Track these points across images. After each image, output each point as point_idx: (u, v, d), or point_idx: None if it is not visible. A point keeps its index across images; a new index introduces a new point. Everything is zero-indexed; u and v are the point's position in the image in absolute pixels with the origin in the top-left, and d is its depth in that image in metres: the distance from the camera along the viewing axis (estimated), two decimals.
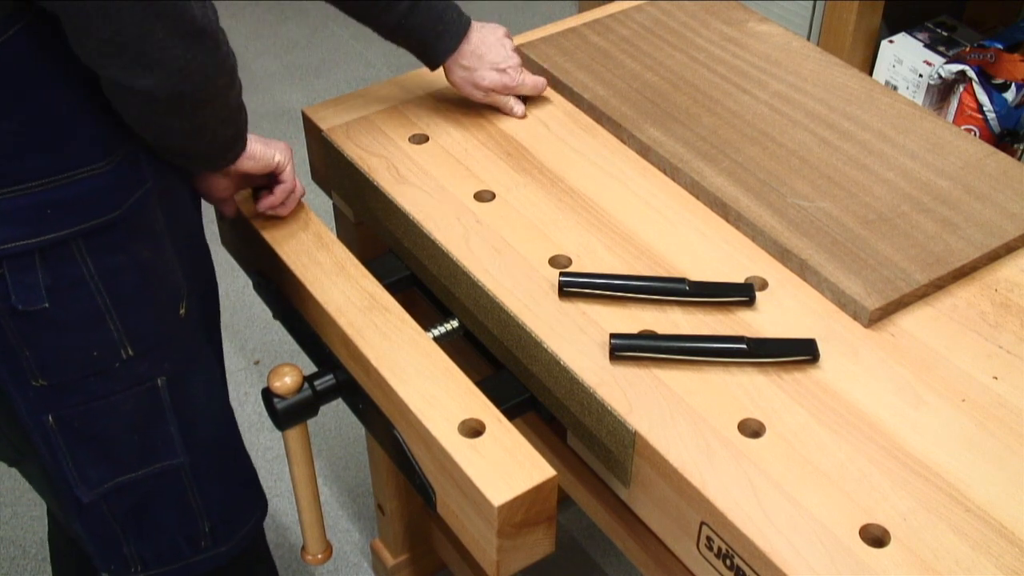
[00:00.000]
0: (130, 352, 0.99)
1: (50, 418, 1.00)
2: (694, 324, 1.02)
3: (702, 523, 0.89)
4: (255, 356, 2.14)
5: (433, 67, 1.24)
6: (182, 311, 1.04)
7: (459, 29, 1.21)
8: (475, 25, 1.24)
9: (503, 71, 1.25)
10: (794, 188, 1.15)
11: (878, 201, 1.13)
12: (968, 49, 1.84)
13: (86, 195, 0.92)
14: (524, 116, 1.28)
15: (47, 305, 0.93)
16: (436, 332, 1.15)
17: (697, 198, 1.16)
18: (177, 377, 1.05)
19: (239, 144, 1.02)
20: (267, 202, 1.12)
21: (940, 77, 1.83)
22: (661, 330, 1.01)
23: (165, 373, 1.03)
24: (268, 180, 1.12)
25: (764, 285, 1.07)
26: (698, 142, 1.21)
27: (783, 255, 1.09)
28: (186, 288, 1.05)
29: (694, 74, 1.32)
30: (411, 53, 1.23)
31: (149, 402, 1.03)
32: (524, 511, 0.92)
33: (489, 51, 1.24)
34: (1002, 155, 1.20)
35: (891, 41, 1.93)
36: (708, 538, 0.89)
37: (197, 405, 1.09)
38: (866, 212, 1.12)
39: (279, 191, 1.11)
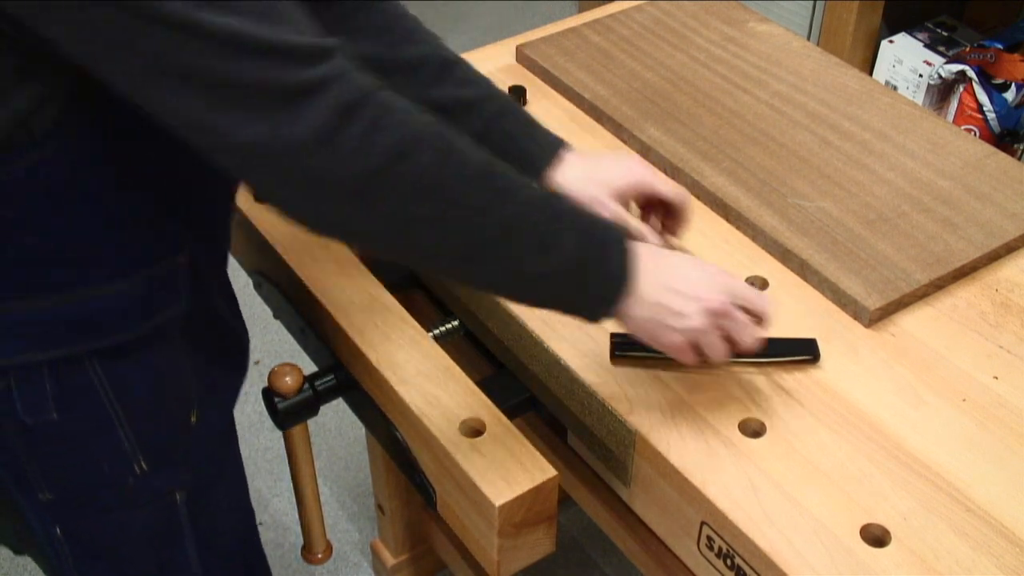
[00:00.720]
0: (144, 467, 0.91)
1: (58, 530, 0.93)
2: None
3: (702, 523, 0.89)
4: (255, 356, 2.14)
5: (542, 166, 0.99)
6: (193, 419, 0.95)
7: (557, 142, 1.00)
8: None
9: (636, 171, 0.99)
10: (794, 188, 1.15)
11: (878, 201, 1.13)
12: (968, 49, 1.84)
13: (105, 314, 0.85)
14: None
15: (55, 416, 0.86)
16: (436, 332, 1.15)
17: (697, 198, 1.16)
18: (197, 491, 0.97)
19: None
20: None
21: (940, 77, 1.83)
22: None
23: (185, 487, 0.96)
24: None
25: (764, 285, 1.07)
26: (698, 142, 1.21)
27: (783, 255, 1.09)
28: (200, 394, 0.96)
29: (694, 74, 1.32)
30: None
31: (166, 518, 0.96)
32: (524, 511, 0.92)
33: (607, 158, 1.02)
34: (1002, 155, 1.20)
35: (891, 41, 1.93)
36: (708, 538, 0.89)
37: (218, 519, 1.02)
38: (866, 212, 1.12)
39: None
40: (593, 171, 0.98)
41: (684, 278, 0.85)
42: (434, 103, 0.97)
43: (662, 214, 1.02)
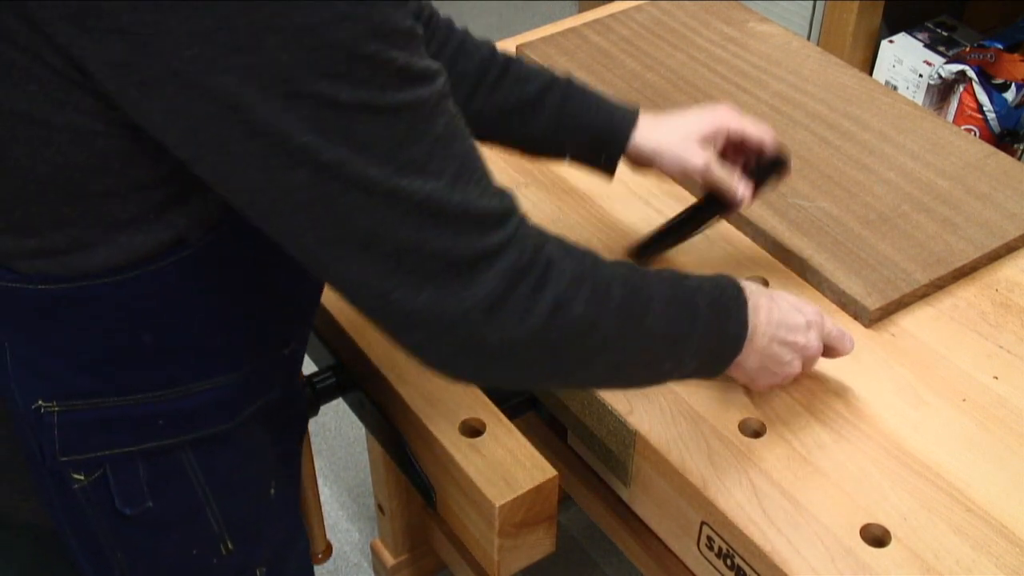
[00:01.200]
0: (230, 547, 0.89)
1: None
2: None
3: (702, 523, 0.89)
4: None
5: (616, 154, 0.98)
6: (272, 491, 0.93)
7: (629, 108, 0.98)
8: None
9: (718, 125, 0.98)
10: (795, 188, 1.15)
11: (879, 201, 1.13)
12: (968, 49, 1.84)
13: (202, 408, 0.82)
14: (749, 203, 0.99)
15: (151, 504, 0.83)
16: None
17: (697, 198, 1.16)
18: (276, 565, 0.95)
19: (686, 368, 0.83)
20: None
21: (940, 77, 1.83)
22: None
23: (265, 563, 0.93)
24: None
25: (765, 285, 1.07)
26: None
27: (783, 255, 1.09)
28: (277, 466, 0.94)
29: (694, 74, 1.32)
30: (583, 160, 0.99)
31: None
32: (524, 511, 0.92)
33: (684, 111, 1.00)
34: (1002, 155, 1.20)
35: (891, 41, 1.93)
36: (708, 538, 0.89)
37: None
38: (867, 212, 1.12)
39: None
40: (673, 126, 0.97)
41: (794, 326, 0.89)
42: (500, 107, 0.97)
43: (754, 155, 1.01)
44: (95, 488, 0.82)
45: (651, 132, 0.97)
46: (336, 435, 1.97)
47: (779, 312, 0.87)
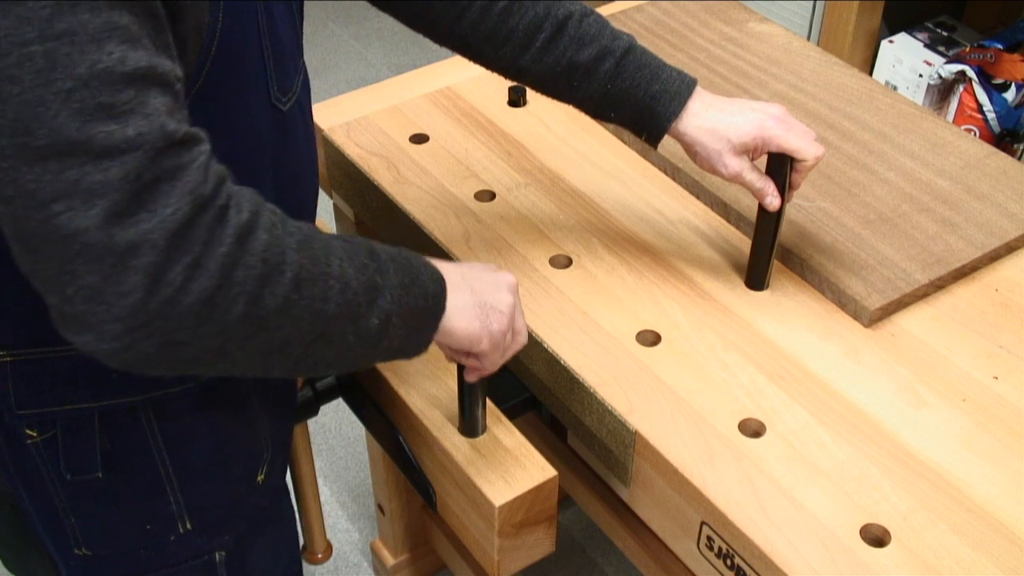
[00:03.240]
0: (188, 527, 0.88)
1: None
2: (694, 324, 1.02)
3: (702, 523, 0.89)
4: None
5: (657, 137, 0.96)
6: (260, 478, 0.91)
7: (683, 87, 0.95)
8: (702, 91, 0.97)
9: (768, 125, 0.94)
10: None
11: (878, 201, 1.13)
12: (968, 49, 1.84)
13: None
14: (777, 207, 0.99)
15: (100, 475, 0.82)
16: None
17: (697, 198, 1.16)
18: (239, 549, 0.94)
19: (397, 330, 0.74)
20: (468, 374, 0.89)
21: (940, 77, 1.83)
22: (661, 329, 1.01)
23: (225, 547, 0.92)
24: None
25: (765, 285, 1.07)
26: None
27: (784, 255, 1.09)
28: (272, 448, 0.92)
29: (694, 74, 1.31)
30: (629, 129, 0.98)
31: None
32: (524, 511, 0.92)
33: (738, 103, 0.97)
34: (1002, 155, 1.20)
35: (891, 41, 1.93)
36: (708, 538, 0.89)
37: (256, 574, 0.98)
38: (866, 212, 1.12)
39: (468, 371, 0.88)
40: (716, 124, 0.94)
41: (491, 281, 0.83)
42: (550, 69, 0.95)
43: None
44: (47, 447, 0.81)
45: (694, 126, 0.95)
46: (336, 435, 1.97)
47: (471, 268, 0.82)
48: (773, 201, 0.98)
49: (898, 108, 1.26)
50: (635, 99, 0.95)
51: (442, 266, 0.79)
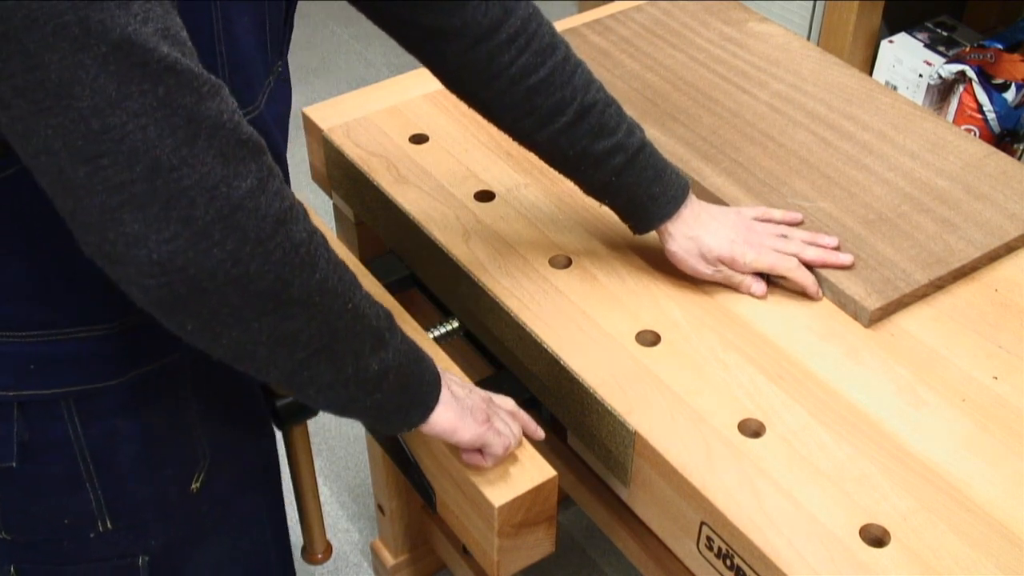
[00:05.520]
0: (108, 526, 0.87)
1: (12, 569, 0.89)
2: (694, 324, 1.02)
3: (702, 523, 0.89)
4: None
5: (643, 231, 1.04)
6: (195, 485, 0.90)
7: (679, 192, 1.01)
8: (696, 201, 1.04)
9: (739, 242, 1.02)
10: (794, 188, 1.15)
11: (878, 201, 1.13)
12: (968, 49, 1.84)
13: (79, 357, 0.79)
14: (764, 296, 1.05)
15: (14, 464, 0.81)
16: (436, 332, 1.15)
17: (698, 198, 1.16)
18: (170, 556, 0.92)
19: (391, 387, 0.79)
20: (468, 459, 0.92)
21: (940, 77, 1.83)
22: (661, 329, 1.01)
23: (149, 552, 0.91)
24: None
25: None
26: (698, 142, 1.21)
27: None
28: (209, 457, 0.91)
29: (694, 74, 1.32)
30: (618, 215, 1.05)
31: None
32: (524, 511, 0.92)
33: (721, 218, 1.04)
34: (1002, 155, 1.20)
35: (891, 41, 1.93)
36: (708, 538, 0.89)
37: None
38: (866, 212, 1.12)
39: (467, 458, 0.91)
40: (696, 235, 1.02)
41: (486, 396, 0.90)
42: (563, 150, 0.99)
43: None
44: None
45: (679, 232, 1.02)
46: (336, 435, 1.97)
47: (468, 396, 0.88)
48: (757, 289, 1.04)
49: (898, 108, 1.26)
50: (634, 195, 1.01)
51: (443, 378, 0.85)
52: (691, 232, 1.02)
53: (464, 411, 0.86)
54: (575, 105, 0.96)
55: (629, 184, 1.00)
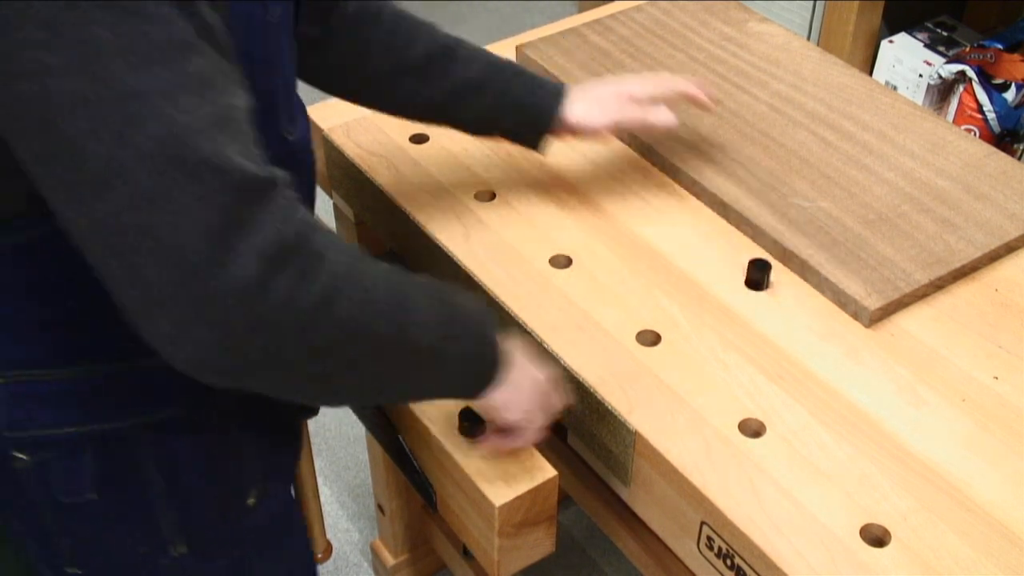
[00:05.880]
0: (181, 550, 0.87)
1: None
2: (694, 323, 1.02)
3: (702, 523, 0.89)
4: None
5: (543, 130, 1.06)
6: (251, 501, 0.90)
7: (561, 88, 1.07)
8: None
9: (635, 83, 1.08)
10: (794, 188, 1.15)
11: (878, 201, 1.13)
12: (968, 49, 1.84)
13: (153, 388, 0.80)
14: (675, 124, 1.09)
15: (93, 497, 0.81)
16: None
17: (697, 198, 1.16)
18: (236, 569, 0.93)
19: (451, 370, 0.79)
20: (485, 443, 0.93)
21: (940, 77, 1.83)
22: (661, 329, 1.01)
23: (218, 572, 0.92)
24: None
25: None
26: (698, 141, 1.21)
27: (783, 255, 1.09)
28: (262, 474, 0.91)
29: (694, 74, 1.32)
30: (510, 136, 1.08)
31: None
32: (524, 511, 0.92)
33: (601, 84, 1.09)
34: (1002, 155, 1.20)
35: (891, 41, 1.93)
36: (708, 538, 0.89)
37: None
38: (866, 212, 1.12)
39: (490, 439, 0.92)
40: (594, 102, 1.07)
41: (539, 376, 0.89)
42: (447, 92, 1.03)
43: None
44: (37, 470, 0.80)
45: (576, 108, 1.06)
46: (336, 435, 1.97)
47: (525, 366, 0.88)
48: (666, 117, 1.08)
49: (898, 108, 1.27)
50: (520, 111, 1.05)
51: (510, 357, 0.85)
52: (586, 98, 1.05)
53: (521, 394, 0.86)
54: (439, 48, 1.03)
55: (517, 96, 1.04)
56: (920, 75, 1.87)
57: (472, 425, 0.94)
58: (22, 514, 0.84)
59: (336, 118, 1.27)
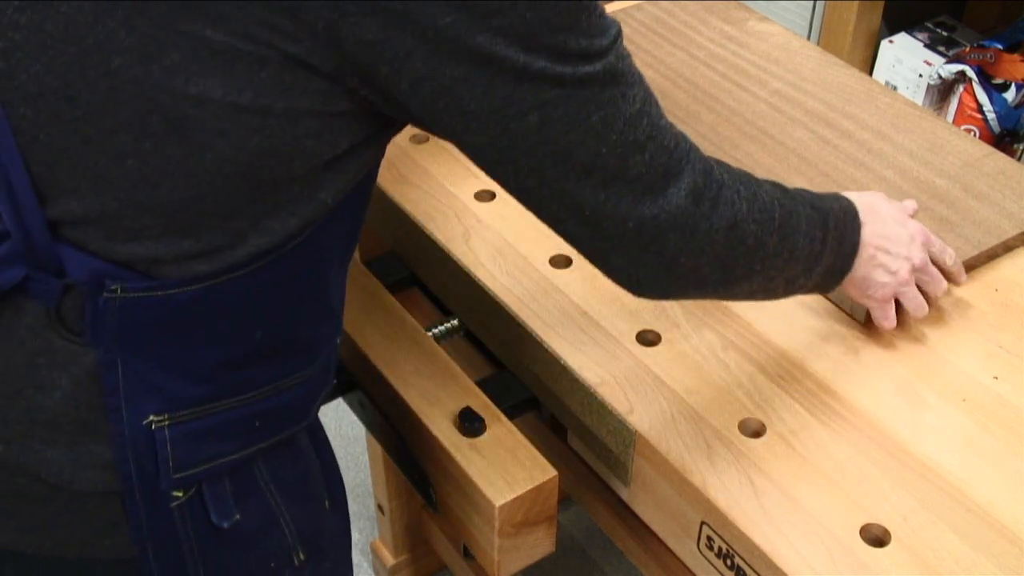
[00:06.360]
0: (301, 557, 0.89)
1: None
2: (694, 324, 1.02)
3: (702, 523, 0.89)
4: None
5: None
6: (327, 504, 0.94)
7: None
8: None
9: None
10: (794, 185, 1.14)
11: None
12: (968, 49, 1.83)
13: (291, 404, 0.83)
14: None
15: (239, 517, 0.83)
16: (436, 332, 1.15)
17: None
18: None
19: (815, 279, 0.90)
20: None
21: (940, 77, 1.82)
22: (661, 329, 1.01)
23: (325, 575, 0.94)
24: None
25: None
26: (697, 139, 1.20)
27: None
28: (325, 478, 0.95)
29: (694, 72, 1.32)
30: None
31: None
32: (524, 511, 0.92)
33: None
34: (1000, 155, 1.20)
35: (891, 41, 1.93)
36: (708, 538, 0.89)
37: None
38: None
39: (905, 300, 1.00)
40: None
41: (896, 238, 0.95)
42: None
43: None
44: (191, 504, 0.81)
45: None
46: (336, 435, 1.97)
47: (882, 226, 0.94)
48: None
49: (897, 107, 1.27)
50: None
51: (864, 237, 0.93)
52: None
53: (882, 272, 0.94)
54: None
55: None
56: (920, 75, 1.87)
57: (472, 425, 0.95)
58: (161, 553, 0.83)
59: None
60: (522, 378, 1.08)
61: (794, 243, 0.84)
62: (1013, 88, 1.76)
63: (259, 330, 0.78)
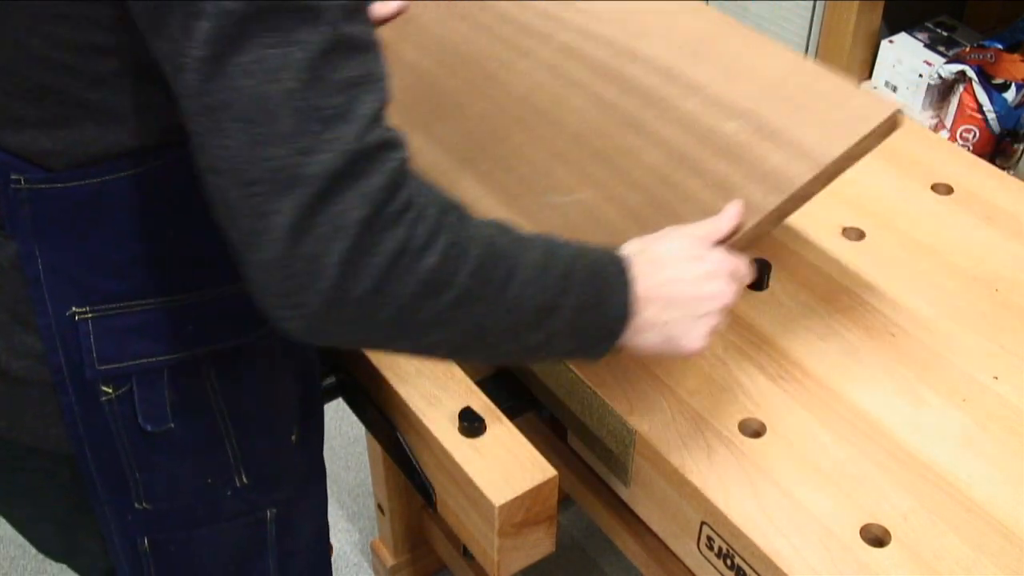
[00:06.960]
0: (244, 480, 0.90)
1: (145, 541, 0.91)
2: None
3: (702, 523, 0.89)
4: None
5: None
6: (293, 437, 0.94)
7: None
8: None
9: None
10: (554, 180, 1.00)
11: (647, 174, 0.96)
12: (968, 49, 1.84)
13: (228, 314, 0.83)
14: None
15: (172, 425, 0.84)
16: None
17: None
18: (286, 509, 0.96)
19: (563, 344, 0.77)
20: None
21: (940, 77, 1.83)
22: None
23: (276, 504, 0.95)
24: None
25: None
26: (460, 141, 1.06)
27: None
28: (300, 410, 0.95)
29: (474, 46, 1.13)
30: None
31: (254, 534, 0.95)
32: (524, 511, 0.92)
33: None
34: (810, 65, 0.98)
35: (891, 41, 1.93)
36: (708, 538, 0.89)
37: (299, 538, 1.00)
38: (630, 195, 0.96)
39: None
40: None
41: (689, 282, 0.81)
42: None
43: None
44: (121, 403, 0.83)
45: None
46: (336, 435, 1.97)
47: (672, 272, 0.81)
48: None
49: (699, 27, 1.04)
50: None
51: (641, 292, 0.79)
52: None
53: (662, 335, 0.81)
54: None
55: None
56: (920, 75, 1.87)
57: (472, 425, 0.95)
58: (98, 451, 0.86)
59: None
60: (522, 378, 1.08)
61: (507, 291, 0.72)
62: (1013, 88, 1.76)
63: (169, 230, 0.79)
